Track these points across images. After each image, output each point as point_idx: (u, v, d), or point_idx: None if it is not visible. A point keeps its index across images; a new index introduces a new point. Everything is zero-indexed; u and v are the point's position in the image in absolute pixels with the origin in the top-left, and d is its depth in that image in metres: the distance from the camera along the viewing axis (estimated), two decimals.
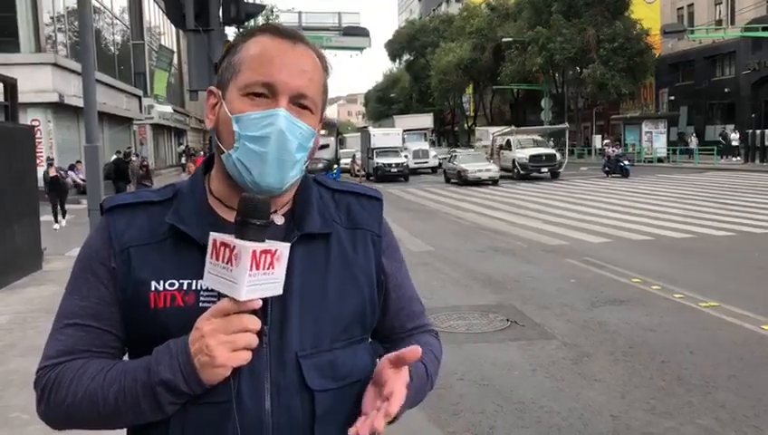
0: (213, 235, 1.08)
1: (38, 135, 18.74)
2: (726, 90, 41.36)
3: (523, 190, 25.62)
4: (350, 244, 1.28)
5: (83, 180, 18.45)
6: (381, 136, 38.99)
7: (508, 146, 33.28)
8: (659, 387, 5.29)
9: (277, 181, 1.17)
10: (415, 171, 38.73)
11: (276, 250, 1.07)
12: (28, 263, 10.11)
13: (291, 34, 1.23)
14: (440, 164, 43.26)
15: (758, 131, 33.93)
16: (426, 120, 50.82)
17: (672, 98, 46.11)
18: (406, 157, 37.09)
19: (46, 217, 12.53)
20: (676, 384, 5.33)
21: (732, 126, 39.41)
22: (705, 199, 19.35)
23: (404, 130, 42.03)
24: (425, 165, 40.28)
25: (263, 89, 1.17)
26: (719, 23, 41.19)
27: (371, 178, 35.24)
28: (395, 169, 34.59)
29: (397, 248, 1.38)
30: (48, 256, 11.00)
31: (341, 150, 42.89)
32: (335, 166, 35.03)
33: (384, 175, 34.20)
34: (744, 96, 39.82)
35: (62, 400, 1.15)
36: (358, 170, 37.29)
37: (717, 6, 42.84)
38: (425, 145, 42.55)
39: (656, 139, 38.04)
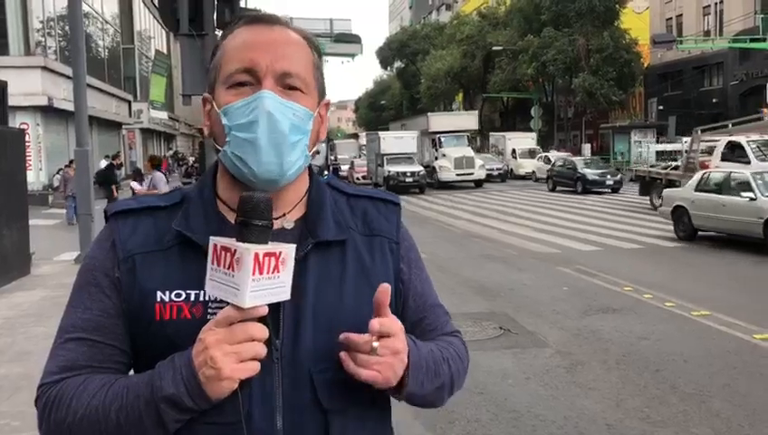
0: (213, 239, 1.02)
1: (27, 139, 18.59)
2: (715, 100, 41.68)
3: None
4: (366, 251, 1.21)
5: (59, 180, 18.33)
6: (393, 140, 33.01)
7: (735, 154, 16.58)
8: (654, 396, 5.29)
9: (276, 167, 1.11)
10: (448, 185, 31.48)
11: (281, 252, 1.01)
12: (17, 267, 10.00)
13: (268, 19, 1.17)
14: (501, 175, 35.25)
15: None
16: (469, 121, 38.00)
17: (661, 107, 46.38)
18: (431, 165, 32.26)
19: (35, 221, 12.41)
20: (671, 393, 5.34)
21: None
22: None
23: (440, 132, 34.31)
24: (469, 177, 31.94)
25: (245, 76, 1.12)
26: (707, 33, 41.54)
27: (380, 187, 31.70)
28: (410, 179, 29.60)
29: (416, 254, 1.31)
30: (37, 260, 10.90)
31: (339, 156, 42.37)
32: (326, 172, 34.85)
33: (397, 186, 28.74)
34: (732, 106, 40.11)
35: (62, 418, 1.09)
36: (357, 178, 34.55)
37: (706, 17, 43.22)
38: (468, 151, 33.12)
39: (645, 147, 38.22)
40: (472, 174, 31.90)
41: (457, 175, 31.76)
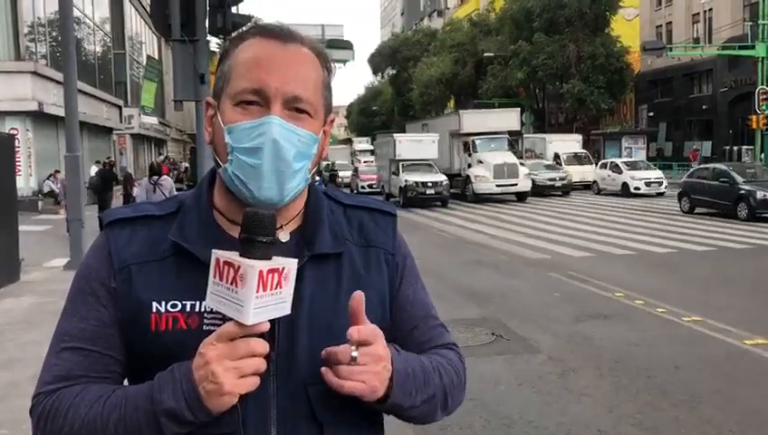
0: (215, 252, 1.02)
1: (16, 144, 18.49)
2: (704, 107, 41.98)
3: None
4: (362, 263, 1.21)
5: (59, 187, 18.26)
6: (410, 143, 27.64)
7: None
8: (646, 402, 5.30)
9: (276, 194, 1.11)
10: (485, 198, 26.16)
11: (284, 268, 1.01)
12: (6, 273, 9.91)
13: (281, 33, 1.15)
14: (563, 187, 28.34)
15: (734, 148, 34.61)
16: (509, 119, 30.49)
17: (651, 114, 46.72)
18: (462, 174, 27.55)
19: (25, 227, 12.33)
20: (662, 399, 5.34)
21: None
22: (685, 214, 19.54)
23: (475, 134, 27.97)
24: (511, 188, 26.22)
25: (253, 96, 1.10)
26: (697, 41, 41.85)
27: (394, 199, 26.05)
28: (431, 190, 24.97)
29: (411, 263, 1.31)
30: (26, 267, 10.81)
31: (337, 162, 42.14)
32: (317, 178, 34.66)
33: (416, 198, 24.80)
34: (721, 113, 40.44)
35: (58, 429, 1.08)
36: (362, 187, 32.04)
37: (695, 25, 43.56)
38: (510, 157, 26.91)
39: (635, 154, 38.46)
40: (515, 185, 26.12)
41: (497, 186, 25.92)
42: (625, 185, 26.98)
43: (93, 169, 21.66)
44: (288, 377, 1.11)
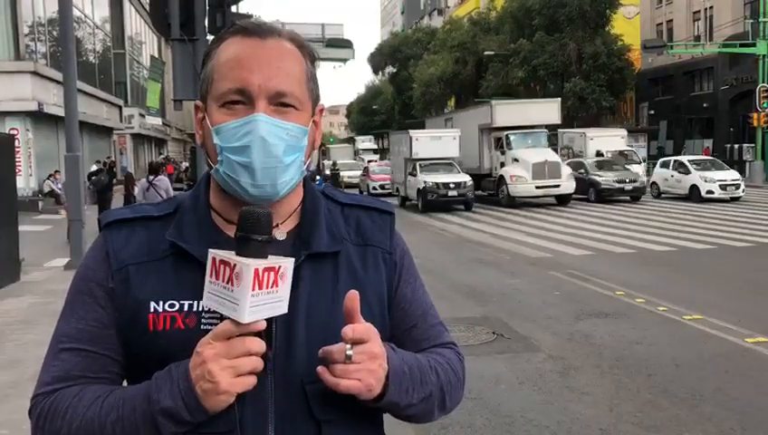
0: (212, 252, 1.02)
1: (16, 144, 18.48)
2: (705, 105, 41.92)
3: None
4: (359, 262, 1.21)
5: (60, 189, 18.27)
6: (428, 141, 24.48)
7: None
8: (647, 400, 5.30)
9: (270, 189, 1.11)
10: (521, 202, 23.22)
11: (280, 267, 1.01)
12: (6, 274, 9.91)
13: (260, 29, 1.15)
14: (635, 191, 23.53)
15: (735, 146, 34.59)
16: (548, 111, 25.65)
17: (652, 112, 46.66)
18: (494, 174, 24.58)
19: (25, 228, 12.33)
20: (663, 397, 5.34)
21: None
22: (685, 213, 19.53)
23: (509, 128, 24.48)
24: (553, 190, 22.86)
25: (237, 96, 1.10)
26: (697, 39, 41.81)
27: (411, 202, 24.09)
28: (453, 192, 22.25)
29: (410, 262, 1.30)
30: (27, 267, 10.81)
31: (339, 161, 42.15)
32: (317, 177, 34.62)
33: (437, 200, 22.23)
34: (722, 111, 40.39)
35: (57, 430, 1.08)
36: (374, 188, 30.54)
37: (696, 23, 43.50)
38: (551, 154, 23.75)
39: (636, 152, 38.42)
40: (557, 186, 22.75)
41: (537, 187, 22.61)
42: (694, 188, 22.66)
43: (93, 168, 21.65)
44: (285, 376, 1.11)
